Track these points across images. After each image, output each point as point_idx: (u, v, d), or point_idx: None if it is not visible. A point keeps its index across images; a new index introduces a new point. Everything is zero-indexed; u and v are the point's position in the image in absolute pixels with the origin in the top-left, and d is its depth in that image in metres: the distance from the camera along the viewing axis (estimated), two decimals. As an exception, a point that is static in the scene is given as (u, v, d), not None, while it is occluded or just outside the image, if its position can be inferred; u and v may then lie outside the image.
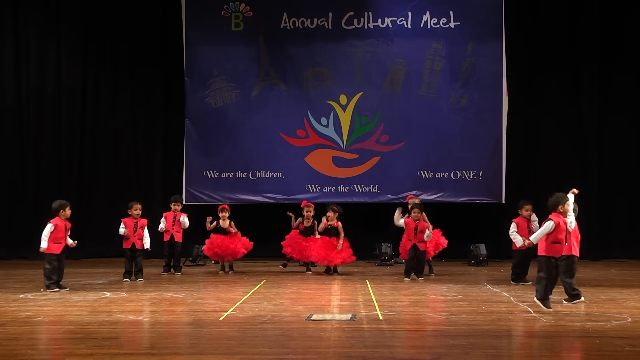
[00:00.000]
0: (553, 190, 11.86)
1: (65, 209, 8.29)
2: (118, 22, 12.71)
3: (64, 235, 8.23)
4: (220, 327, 5.92)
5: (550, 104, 12.40)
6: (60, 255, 8.19)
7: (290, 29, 12.34)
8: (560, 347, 5.13)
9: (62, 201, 8.43)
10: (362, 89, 12.25)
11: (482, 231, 12.04)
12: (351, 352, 4.93)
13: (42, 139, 12.54)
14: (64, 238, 8.23)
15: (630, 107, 12.24)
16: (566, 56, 12.38)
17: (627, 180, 12.24)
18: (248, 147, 12.29)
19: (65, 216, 8.28)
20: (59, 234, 8.17)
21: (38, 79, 12.58)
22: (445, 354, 4.88)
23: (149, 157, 12.78)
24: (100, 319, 6.29)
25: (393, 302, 7.29)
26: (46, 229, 8.13)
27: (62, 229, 8.19)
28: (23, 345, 5.22)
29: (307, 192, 12.14)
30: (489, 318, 6.31)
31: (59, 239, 8.17)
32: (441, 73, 12.17)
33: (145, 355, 4.95)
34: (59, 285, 8.15)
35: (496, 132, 12.00)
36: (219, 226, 10.03)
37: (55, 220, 8.21)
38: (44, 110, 12.54)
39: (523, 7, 12.42)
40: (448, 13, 12.17)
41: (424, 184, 12.06)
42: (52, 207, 8.36)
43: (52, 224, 8.16)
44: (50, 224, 8.18)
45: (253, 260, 11.74)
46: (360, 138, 12.23)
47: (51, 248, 8.12)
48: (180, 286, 8.63)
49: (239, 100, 12.35)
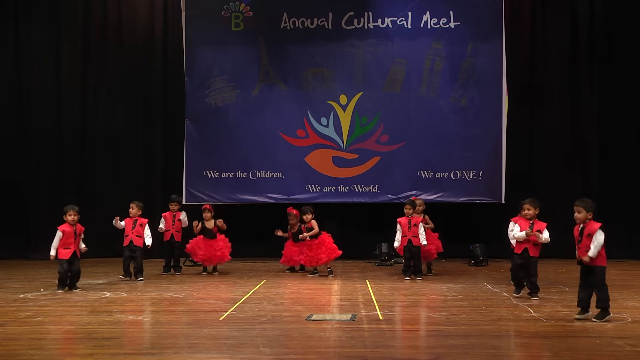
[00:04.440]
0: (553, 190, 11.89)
1: (66, 213, 8.22)
2: (118, 22, 12.72)
3: (73, 241, 8.16)
4: (220, 327, 5.92)
5: (550, 104, 12.40)
6: (71, 259, 8.14)
7: (290, 29, 12.34)
8: (560, 347, 5.13)
9: (67, 206, 8.35)
10: (362, 89, 12.25)
11: (482, 231, 12.04)
12: (351, 352, 4.93)
13: (42, 138, 12.54)
14: (73, 243, 8.16)
15: (630, 107, 12.24)
16: (566, 56, 12.39)
17: (627, 180, 12.24)
18: (248, 147, 12.29)
19: (70, 221, 8.20)
20: (68, 240, 8.12)
21: (38, 79, 12.58)
22: (445, 354, 4.88)
23: (149, 157, 12.78)
24: (100, 319, 6.29)
25: (393, 302, 7.29)
26: (55, 238, 8.12)
27: (70, 234, 8.14)
28: (23, 345, 5.22)
29: (307, 192, 12.14)
30: (489, 318, 6.31)
31: (68, 245, 8.12)
32: (441, 73, 12.17)
33: (145, 355, 4.95)
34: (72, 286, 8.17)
35: (496, 132, 12.00)
36: (204, 228, 9.95)
37: (63, 227, 8.17)
38: (44, 110, 12.55)
39: (523, 7, 12.42)
40: (448, 13, 12.17)
41: (424, 184, 12.06)
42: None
43: (60, 232, 8.13)
44: (58, 231, 8.15)
45: (253, 260, 11.76)
46: (360, 138, 12.23)
47: (61, 254, 8.09)
48: (180, 286, 8.63)
49: (239, 100, 12.34)
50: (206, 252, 9.86)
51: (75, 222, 8.24)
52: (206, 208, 10.07)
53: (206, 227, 9.94)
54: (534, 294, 7.39)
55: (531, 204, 7.59)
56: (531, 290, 7.44)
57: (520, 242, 7.48)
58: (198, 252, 9.91)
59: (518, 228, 7.51)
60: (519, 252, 7.49)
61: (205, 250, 9.86)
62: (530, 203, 7.60)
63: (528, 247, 7.42)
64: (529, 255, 7.41)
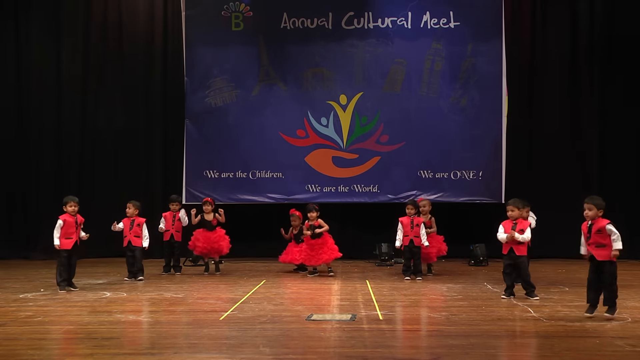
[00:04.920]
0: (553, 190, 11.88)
1: (66, 204, 8.28)
2: (118, 22, 12.72)
3: (75, 230, 8.22)
4: (220, 327, 5.92)
5: (550, 104, 12.40)
6: (72, 251, 8.19)
7: (290, 29, 12.34)
8: (560, 347, 5.13)
9: (68, 197, 8.43)
10: (362, 89, 12.26)
11: (482, 231, 12.01)
12: (351, 352, 4.93)
13: (42, 138, 12.55)
14: (75, 233, 8.22)
15: (630, 108, 12.23)
16: (566, 56, 12.38)
17: (627, 180, 12.24)
18: (248, 147, 12.29)
19: (70, 212, 8.25)
20: (69, 229, 8.17)
21: (38, 79, 12.59)
22: (445, 354, 4.88)
23: (149, 157, 12.77)
24: (100, 319, 6.29)
25: (393, 302, 7.29)
26: (56, 227, 8.17)
27: (71, 224, 8.19)
28: (23, 345, 5.22)
29: (307, 192, 12.14)
30: (489, 318, 6.31)
31: (69, 234, 8.17)
32: (441, 73, 12.18)
33: (145, 355, 4.95)
34: (69, 283, 8.19)
35: (496, 132, 12.01)
36: (204, 220, 10.02)
37: (64, 216, 8.22)
38: (44, 110, 12.55)
39: (523, 7, 12.42)
40: (448, 13, 12.17)
41: (424, 184, 12.07)
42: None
43: (60, 220, 8.18)
44: (59, 219, 8.20)
45: (253, 260, 11.76)
46: (360, 138, 12.23)
47: (63, 244, 8.12)
48: (180, 286, 8.63)
49: (238, 100, 12.35)
50: (205, 243, 9.89)
51: (76, 213, 8.29)
52: (207, 201, 10.15)
53: (205, 219, 9.99)
54: (531, 293, 7.39)
55: (514, 205, 7.62)
56: (527, 291, 7.44)
57: (505, 242, 7.52)
58: (197, 245, 9.94)
59: (502, 229, 7.56)
60: (505, 252, 7.56)
61: (204, 242, 9.89)
62: (513, 204, 7.65)
63: (513, 247, 7.47)
64: (515, 255, 7.45)
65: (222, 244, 9.97)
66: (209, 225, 9.98)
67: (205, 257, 10.15)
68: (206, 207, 10.04)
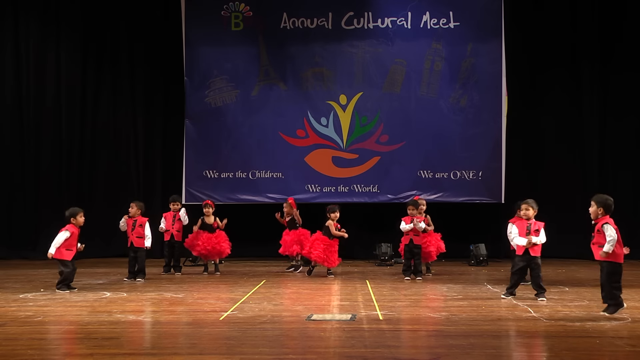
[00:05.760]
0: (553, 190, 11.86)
1: (77, 216, 8.20)
2: (118, 22, 12.73)
3: (76, 242, 8.17)
4: (220, 327, 5.91)
5: (550, 104, 12.41)
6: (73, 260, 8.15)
7: (290, 29, 12.34)
8: (560, 347, 5.13)
9: (76, 208, 8.33)
10: (362, 89, 12.26)
11: (482, 231, 12.05)
12: (351, 352, 4.93)
13: (42, 139, 12.54)
14: (76, 245, 8.17)
15: (630, 107, 12.25)
16: (566, 56, 12.40)
17: (626, 180, 12.24)
18: (248, 147, 12.30)
19: (79, 223, 8.20)
20: (73, 241, 8.12)
21: (38, 80, 12.59)
22: (445, 354, 4.88)
23: (149, 157, 12.78)
24: (100, 319, 6.28)
25: (393, 302, 7.29)
26: (60, 237, 8.02)
27: (76, 236, 8.14)
28: (23, 345, 5.22)
29: (307, 192, 12.15)
30: (489, 318, 6.31)
31: (71, 246, 8.11)
32: (441, 73, 12.18)
33: (145, 355, 4.95)
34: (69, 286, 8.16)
35: (496, 132, 12.01)
36: (204, 222, 10.01)
37: (71, 228, 8.12)
38: (44, 111, 12.56)
39: (522, 7, 12.43)
40: (448, 13, 12.18)
41: (424, 184, 12.07)
42: (66, 214, 8.25)
43: (68, 232, 8.05)
44: (66, 231, 8.06)
45: (253, 260, 11.76)
46: (360, 138, 12.24)
47: (63, 254, 8.04)
48: (180, 286, 8.62)
49: (238, 100, 12.35)
50: (205, 245, 9.86)
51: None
52: (207, 203, 10.13)
53: (206, 222, 9.98)
54: (541, 295, 7.33)
55: (530, 205, 7.57)
56: (537, 292, 7.39)
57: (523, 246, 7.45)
58: (196, 245, 9.91)
59: (516, 230, 7.50)
60: (520, 253, 7.49)
61: (204, 243, 9.87)
62: (530, 203, 7.59)
63: (529, 248, 7.42)
64: (531, 255, 7.41)
65: (223, 246, 9.97)
66: (209, 228, 9.97)
67: (205, 259, 10.13)
68: (207, 209, 10.03)
